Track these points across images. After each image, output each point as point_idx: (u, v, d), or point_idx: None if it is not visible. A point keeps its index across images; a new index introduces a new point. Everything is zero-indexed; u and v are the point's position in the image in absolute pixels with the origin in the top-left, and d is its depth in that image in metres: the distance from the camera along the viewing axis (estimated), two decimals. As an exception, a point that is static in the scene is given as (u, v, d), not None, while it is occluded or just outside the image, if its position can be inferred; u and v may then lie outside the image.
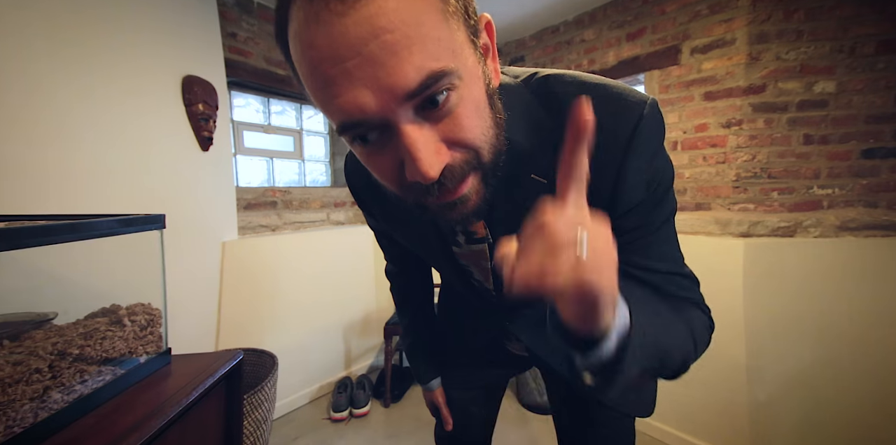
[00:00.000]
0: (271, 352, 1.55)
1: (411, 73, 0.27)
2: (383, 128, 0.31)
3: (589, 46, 1.85)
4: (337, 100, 0.29)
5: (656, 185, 0.41)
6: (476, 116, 0.32)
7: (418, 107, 0.30)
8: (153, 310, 0.69)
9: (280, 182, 2.03)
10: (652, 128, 0.39)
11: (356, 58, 0.27)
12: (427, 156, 0.30)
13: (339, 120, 0.30)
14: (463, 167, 0.33)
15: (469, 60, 0.31)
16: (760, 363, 1.35)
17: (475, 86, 0.32)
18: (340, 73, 0.28)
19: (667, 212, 0.44)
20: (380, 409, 1.85)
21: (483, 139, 0.33)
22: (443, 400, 0.77)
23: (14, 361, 0.48)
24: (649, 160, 0.40)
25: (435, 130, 0.31)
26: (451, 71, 0.29)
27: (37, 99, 1.03)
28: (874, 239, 1.30)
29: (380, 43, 0.26)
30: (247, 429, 1.27)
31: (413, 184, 0.32)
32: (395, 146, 0.31)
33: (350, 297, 2.08)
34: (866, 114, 1.31)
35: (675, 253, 0.46)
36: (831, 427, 1.28)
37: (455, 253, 0.54)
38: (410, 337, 0.79)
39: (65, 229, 0.51)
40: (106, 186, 1.17)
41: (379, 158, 0.33)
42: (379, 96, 0.28)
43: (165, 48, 1.33)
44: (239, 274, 1.61)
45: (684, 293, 0.46)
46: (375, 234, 0.72)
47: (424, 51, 0.28)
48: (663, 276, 0.44)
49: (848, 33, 1.29)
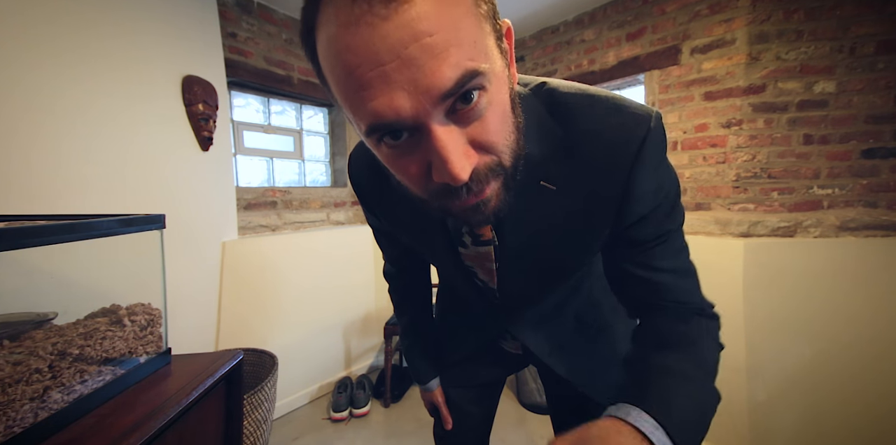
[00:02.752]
0: (271, 352, 1.55)
1: (448, 73, 0.28)
2: (412, 131, 0.31)
3: (589, 46, 1.85)
4: (372, 103, 0.29)
5: (664, 194, 0.43)
6: (502, 120, 0.33)
7: (449, 110, 0.30)
8: (153, 310, 0.69)
9: (280, 182, 2.03)
10: (658, 140, 0.41)
11: (395, 61, 0.27)
12: (458, 158, 0.30)
13: (369, 122, 0.30)
14: (487, 171, 0.33)
15: (497, 64, 0.32)
16: (760, 362, 1.35)
17: (503, 90, 0.33)
18: (378, 76, 0.28)
19: (678, 220, 0.46)
20: (380, 409, 1.85)
21: (506, 143, 0.34)
22: (442, 400, 0.77)
23: (14, 361, 0.48)
24: (656, 168, 0.42)
25: (464, 133, 0.31)
26: (484, 71, 0.29)
27: (38, 100, 1.03)
28: (874, 239, 1.30)
29: (420, 46, 0.27)
30: (247, 429, 1.27)
31: (439, 186, 0.33)
32: (424, 148, 0.31)
33: (350, 297, 2.08)
34: (866, 114, 1.31)
35: (683, 255, 0.48)
36: (830, 425, 1.28)
37: (460, 254, 0.55)
38: (409, 338, 0.79)
39: (65, 229, 0.51)
40: (106, 186, 1.17)
41: (406, 160, 0.34)
42: (415, 98, 0.28)
43: (165, 48, 1.33)
44: (239, 274, 1.61)
45: (687, 297, 0.47)
46: (375, 234, 0.72)
47: (462, 52, 0.28)
48: (671, 275, 0.47)
49: (848, 33, 1.29)
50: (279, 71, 1.83)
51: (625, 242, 0.47)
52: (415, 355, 0.78)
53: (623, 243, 0.47)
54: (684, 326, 0.46)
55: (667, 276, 0.46)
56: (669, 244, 0.46)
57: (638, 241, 0.46)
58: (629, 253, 0.47)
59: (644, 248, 0.46)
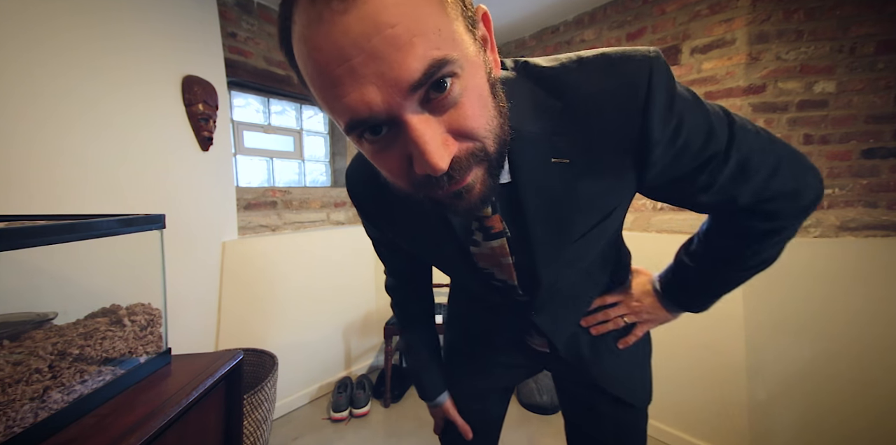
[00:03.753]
0: (271, 352, 1.55)
1: (414, 64, 0.28)
2: (390, 124, 0.31)
3: (589, 46, 1.85)
4: (344, 100, 0.29)
5: (689, 127, 0.41)
6: (480, 105, 0.33)
7: (423, 100, 0.30)
8: (153, 310, 0.69)
9: (280, 182, 2.03)
10: (663, 78, 0.38)
11: (360, 55, 0.27)
12: (435, 148, 0.30)
13: (346, 119, 0.31)
14: (469, 158, 0.33)
15: (469, 50, 0.32)
16: (760, 362, 1.35)
17: (477, 76, 0.32)
18: (346, 71, 0.28)
19: (721, 141, 0.43)
20: (380, 409, 1.85)
21: (488, 129, 0.33)
22: (455, 412, 0.74)
23: (14, 361, 0.48)
24: (669, 107, 0.39)
25: (441, 122, 0.31)
26: (452, 59, 0.29)
27: (38, 100, 1.03)
28: (874, 239, 1.30)
29: (383, 37, 0.27)
30: (247, 429, 1.27)
31: (422, 177, 0.33)
32: (402, 141, 0.31)
33: (350, 297, 2.08)
34: (866, 114, 1.31)
35: (751, 166, 0.45)
36: (830, 425, 1.28)
37: (473, 255, 0.52)
38: (414, 355, 0.75)
39: (65, 229, 0.51)
40: (106, 186, 1.17)
41: (387, 155, 0.34)
42: (385, 91, 0.28)
43: (165, 48, 1.33)
44: (239, 274, 1.61)
45: (774, 204, 0.49)
46: (376, 247, 0.69)
47: (426, 42, 0.28)
48: (750, 195, 0.47)
49: (848, 33, 1.29)
50: (279, 71, 1.83)
51: (687, 185, 0.46)
52: (422, 371, 0.74)
53: (681, 187, 0.46)
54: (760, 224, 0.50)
55: (746, 198, 0.46)
56: (728, 165, 0.43)
57: (686, 180, 0.45)
58: (694, 190, 0.46)
59: (705, 182, 0.45)
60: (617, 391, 0.65)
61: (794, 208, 0.49)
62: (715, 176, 0.44)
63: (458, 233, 0.50)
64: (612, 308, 0.65)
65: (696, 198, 0.47)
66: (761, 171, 0.45)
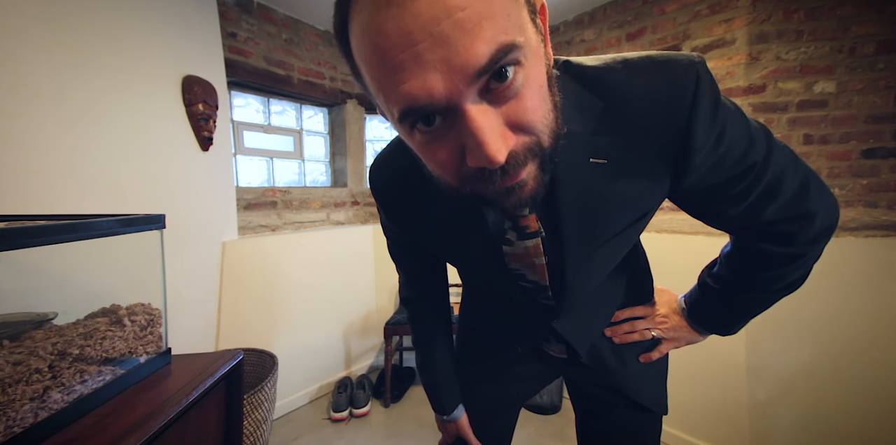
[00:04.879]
0: (271, 352, 1.55)
1: (482, 48, 0.27)
2: (446, 114, 0.30)
3: (589, 46, 1.85)
4: (404, 86, 0.28)
5: (731, 136, 0.41)
6: (540, 98, 0.32)
7: (483, 90, 0.29)
8: (153, 310, 0.69)
9: (280, 182, 2.03)
10: (710, 85, 0.38)
11: (427, 39, 0.26)
12: (494, 139, 0.29)
13: (402, 106, 0.29)
14: (525, 153, 0.32)
15: (533, 39, 0.31)
16: (760, 362, 1.35)
17: (539, 67, 0.31)
18: (410, 57, 0.27)
19: (760, 152, 0.43)
20: (380, 409, 1.85)
21: (545, 123, 0.32)
22: (469, 431, 0.71)
23: (14, 361, 0.48)
24: (713, 114, 0.39)
25: (499, 114, 0.30)
26: (519, 45, 0.28)
27: (38, 100, 1.03)
28: (874, 239, 1.30)
29: (452, 21, 0.26)
30: (247, 429, 1.27)
31: (474, 171, 0.32)
32: (457, 131, 0.30)
33: (350, 297, 2.08)
34: (866, 114, 1.31)
35: (785, 186, 0.45)
36: (830, 425, 1.28)
37: (505, 255, 0.51)
38: (431, 370, 0.71)
39: (64, 229, 0.51)
40: (106, 186, 1.17)
41: (438, 146, 0.32)
42: (448, 78, 0.27)
43: (165, 48, 1.33)
44: (239, 274, 1.61)
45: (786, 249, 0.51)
46: (392, 249, 0.66)
47: (495, 25, 0.27)
48: (778, 213, 0.47)
49: (848, 33, 1.29)
50: (279, 71, 1.83)
51: (721, 194, 0.46)
52: (439, 386, 0.71)
53: (715, 197, 0.46)
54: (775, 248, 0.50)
55: (772, 215, 0.46)
56: (766, 177, 0.44)
57: (721, 189, 0.45)
58: (726, 201, 0.46)
59: (740, 193, 0.44)
60: (640, 398, 0.64)
61: (811, 232, 0.49)
62: (751, 187, 0.44)
63: (491, 232, 0.48)
64: (638, 320, 0.65)
65: (727, 210, 0.47)
66: (791, 188, 0.45)
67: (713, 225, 0.52)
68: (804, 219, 0.48)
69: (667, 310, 0.65)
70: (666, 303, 0.66)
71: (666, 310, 0.65)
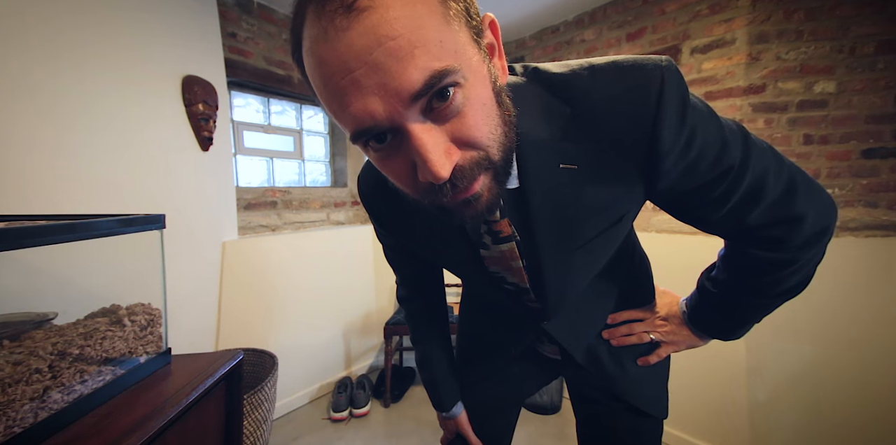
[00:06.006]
0: (271, 352, 1.55)
1: (415, 75, 0.28)
2: (394, 133, 0.32)
3: (589, 46, 1.85)
4: (349, 109, 0.30)
5: (702, 139, 0.40)
6: (483, 114, 0.33)
7: (425, 109, 0.31)
8: (153, 310, 0.69)
9: (280, 182, 2.03)
10: (675, 88, 0.38)
11: (363, 67, 0.28)
12: (437, 156, 0.31)
13: (352, 128, 0.32)
14: (473, 167, 0.33)
15: (473, 59, 0.32)
16: (760, 362, 1.35)
17: (480, 85, 0.33)
18: (350, 83, 0.29)
19: (735, 156, 0.41)
20: (380, 409, 1.85)
21: (491, 138, 0.34)
22: (468, 428, 0.72)
23: (14, 361, 0.48)
24: (682, 118, 0.38)
25: (443, 131, 0.32)
26: (454, 69, 0.30)
27: (38, 100, 1.03)
28: (874, 239, 1.30)
29: (384, 50, 0.28)
30: (247, 429, 1.27)
31: (426, 185, 0.33)
32: (406, 149, 0.32)
33: (350, 297, 2.08)
34: (866, 114, 1.31)
35: (765, 190, 0.44)
36: (830, 425, 1.28)
37: (484, 259, 0.52)
38: (429, 367, 0.73)
39: (65, 229, 0.51)
40: (106, 186, 1.17)
41: (392, 162, 0.34)
42: (387, 101, 0.29)
43: (165, 48, 1.33)
44: (239, 274, 1.61)
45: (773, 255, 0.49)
46: (388, 253, 0.69)
47: (427, 53, 0.28)
48: (760, 218, 0.46)
49: (848, 33, 1.29)
50: (279, 71, 1.83)
51: (700, 199, 0.45)
52: (438, 381, 0.72)
53: (694, 201, 0.45)
54: (769, 255, 0.49)
55: (756, 219, 0.45)
56: (745, 181, 0.42)
57: (699, 194, 0.44)
58: (707, 205, 0.45)
59: (719, 197, 0.43)
60: (638, 401, 0.64)
61: (799, 236, 0.47)
62: (730, 191, 0.43)
63: (469, 236, 0.50)
64: (636, 323, 0.65)
65: (708, 214, 0.47)
66: (775, 191, 0.44)
67: (701, 229, 0.51)
68: (792, 223, 0.46)
69: (667, 313, 0.65)
70: (667, 306, 0.66)
71: (666, 313, 0.65)
